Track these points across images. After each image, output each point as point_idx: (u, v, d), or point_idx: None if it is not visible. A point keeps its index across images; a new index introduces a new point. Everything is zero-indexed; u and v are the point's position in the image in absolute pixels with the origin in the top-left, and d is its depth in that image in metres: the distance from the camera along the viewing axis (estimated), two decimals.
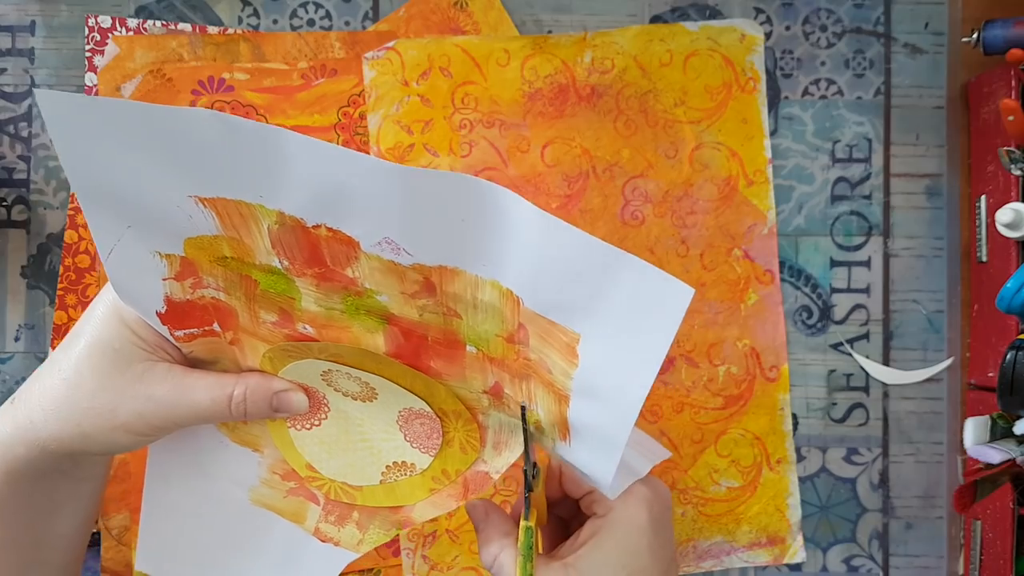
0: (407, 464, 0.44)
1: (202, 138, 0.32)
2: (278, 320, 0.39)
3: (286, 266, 0.36)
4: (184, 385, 0.39)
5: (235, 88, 0.59)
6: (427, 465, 0.44)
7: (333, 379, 0.42)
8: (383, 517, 0.46)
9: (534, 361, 0.37)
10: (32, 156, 0.59)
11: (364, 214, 0.34)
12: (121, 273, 0.37)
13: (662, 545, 0.39)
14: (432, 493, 0.45)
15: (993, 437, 0.52)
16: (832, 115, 0.61)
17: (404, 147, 0.59)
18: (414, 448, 0.44)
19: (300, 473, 0.45)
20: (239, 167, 0.33)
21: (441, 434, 0.43)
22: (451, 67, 0.59)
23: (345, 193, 0.33)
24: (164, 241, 0.36)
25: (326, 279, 0.36)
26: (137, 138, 0.32)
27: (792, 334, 0.60)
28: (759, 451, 0.60)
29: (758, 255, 0.60)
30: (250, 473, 0.45)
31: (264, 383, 0.40)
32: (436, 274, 0.35)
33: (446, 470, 0.44)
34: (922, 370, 0.60)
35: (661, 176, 0.60)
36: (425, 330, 0.38)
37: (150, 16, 0.59)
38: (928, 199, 0.61)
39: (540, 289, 0.34)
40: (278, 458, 0.45)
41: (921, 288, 0.60)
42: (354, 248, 0.35)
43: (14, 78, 0.59)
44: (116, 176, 0.34)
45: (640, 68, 0.60)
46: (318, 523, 0.46)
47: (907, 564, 0.60)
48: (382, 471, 0.44)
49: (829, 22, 0.61)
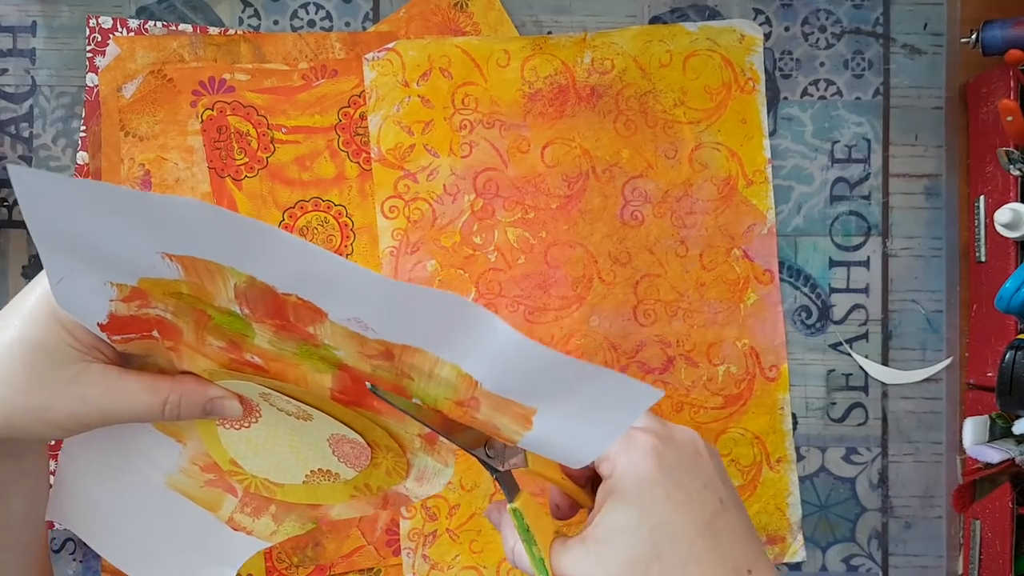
0: (332, 473, 0.44)
1: (189, 223, 0.31)
2: (226, 346, 0.38)
3: (246, 313, 0.35)
4: (118, 389, 0.38)
5: (236, 88, 0.59)
6: (351, 477, 0.44)
7: (271, 399, 0.42)
8: (300, 512, 0.46)
9: (481, 421, 0.37)
10: (33, 156, 0.59)
11: (340, 300, 0.33)
12: (67, 294, 0.36)
13: (688, 492, 0.36)
14: (352, 499, 0.45)
15: (992, 437, 0.52)
16: (831, 115, 0.61)
17: (404, 148, 0.59)
18: (341, 463, 0.44)
19: (222, 467, 0.45)
20: (223, 247, 0.32)
21: (370, 458, 0.43)
22: (451, 68, 0.59)
23: (326, 284, 0.32)
24: (119, 275, 0.35)
25: (286, 330, 0.36)
26: (119, 217, 0.31)
27: (791, 334, 0.60)
28: (759, 450, 0.60)
29: (757, 255, 0.60)
30: (170, 461, 0.45)
31: (199, 389, 0.40)
32: (398, 349, 0.35)
33: (369, 484, 0.44)
34: (921, 370, 0.60)
35: (661, 176, 0.60)
36: (374, 380, 0.37)
37: (151, 17, 0.59)
38: (927, 199, 0.61)
39: (502, 381, 0.34)
40: (201, 451, 0.44)
41: (920, 288, 0.61)
42: (321, 316, 0.34)
43: (15, 79, 0.59)
44: (83, 236, 0.32)
45: (640, 69, 0.60)
46: (233, 513, 0.46)
47: (906, 563, 0.60)
48: (306, 474, 0.45)
49: (828, 23, 0.61)
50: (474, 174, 0.59)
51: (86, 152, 0.59)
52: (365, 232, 0.59)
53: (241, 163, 0.59)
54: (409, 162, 0.59)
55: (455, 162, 0.59)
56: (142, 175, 0.58)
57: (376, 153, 0.59)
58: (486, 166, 0.59)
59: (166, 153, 0.59)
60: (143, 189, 0.58)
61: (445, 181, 0.59)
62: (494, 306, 0.59)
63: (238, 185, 0.59)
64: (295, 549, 0.59)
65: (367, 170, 0.59)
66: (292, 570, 0.58)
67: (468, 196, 0.59)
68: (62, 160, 0.59)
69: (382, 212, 0.59)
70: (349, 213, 0.59)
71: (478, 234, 0.59)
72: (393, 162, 0.59)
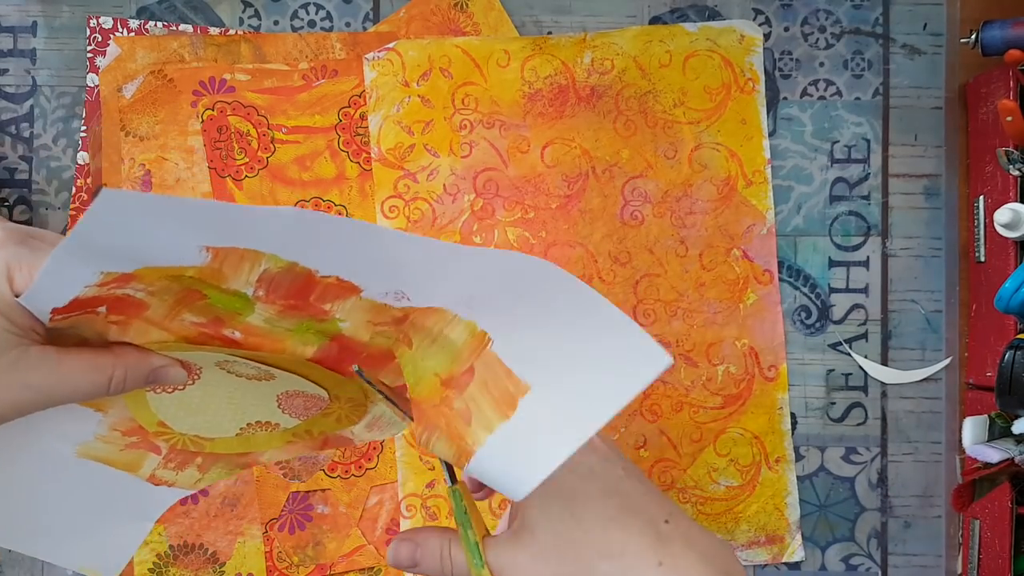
0: (271, 424, 0.43)
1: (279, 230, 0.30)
2: (205, 323, 0.36)
3: (258, 295, 0.34)
4: (61, 371, 0.36)
5: (236, 89, 0.59)
6: (292, 426, 0.43)
7: (231, 365, 0.40)
8: (228, 460, 0.44)
9: (456, 410, 0.36)
10: (34, 157, 0.59)
11: (398, 278, 0.32)
12: (45, 287, 0.33)
13: (589, 466, 0.37)
14: (289, 444, 0.44)
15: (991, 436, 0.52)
16: (831, 116, 0.61)
17: (404, 148, 0.59)
18: (284, 414, 0.42)
19: (148, 429, 0.43)
20: (297, 245, 0.31)
21: (321, 409, 0.42)
22: (451, 68, 0.59)
23: (394, 264, 0.32)
24: (121, 266, 0.33)
25: (295, 309, 0.35)
26: (192, 228, 0.30)
27: (791, 334, 0.60)
28: (758, 450, 0.60)
29: (757, 255, 0.60)
30: (85, 430, 0.42)
31: (142, 361, 0.38)
32: (418, 312, 0.34)
33: (311, 431, 0.43)
34: (920, 370, 0.60)
35: (660, 176, 0.60)
36: (365, 348, 0.37)
37: (151, 17, 0.59)
38: (926, 199, 0.61)
39: (517, 337, 0.34)
40: (124, 416, 0.42)
41: (919, 288, 0.61)
42: (353, 292, 0.34)
43: (16, 79, 0.60)
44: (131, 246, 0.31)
45: (639, 69, 0.60)
46: (155, 470, 0.44)
47: (905, 563, 0.60)
48: (241, 427, 0.43)
49: (828, 23, 0.61)
50: (474, 174, 0.59)
51: (86, 152, 0.59)
52: None
53: (241, 163, 0.59)
54: (409, 162, 0.59)
55: (455, 162, 0.59)
56: (142, 175, 0.59)
57: (376, 153, 0.59)
58: (486, 166, 0.59)
59: (166, 153, 0.59)
60: (143, 189, 0.58)
61: (445, 181, 0.59)
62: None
63: (238, 185, 0.59)
64: (295, 549, 0.59)
65: (367, 170, 0.59)
66: (292, 570, 0.59)
67: (468, 196, 0.59)
68: (62, 160, 0.59)
69: (382, 212, 0.59)
70: (349, 213, 0.59)
71: (478, 234, 0.59)
72: (393, 162, 0.59)
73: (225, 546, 0.59)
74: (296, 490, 0.59)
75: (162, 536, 0.58)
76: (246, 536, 0.59)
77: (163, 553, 0.58)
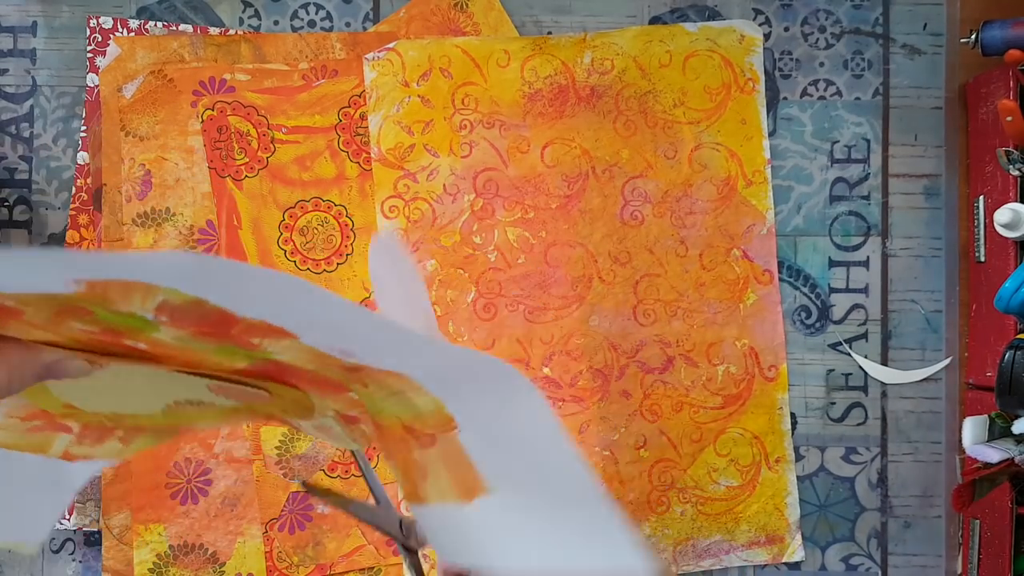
0: (203, 403, 0.40)
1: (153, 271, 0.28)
2: (98, 331, 0.33)
3: (161, 320, 0.31)
4: None
5: (236, 88, 0.59)
6: (229, 406, 0.40)
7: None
8: (155, 431, 0.42)
9: (414, 459, 0.35)
10: (34, 157, 0.59)
11: (342, 337, 0.30)
12: None
13: None
14: (227, 418, 0.41)
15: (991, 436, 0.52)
16: (831, 116, 0.61)
17: (404, 147, 0.59)
18: (219, 396, 0.39)
19: (53, 412, 0.40)
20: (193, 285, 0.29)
21: (264, 400, 0.39)
22: (451, 68, 0.59)
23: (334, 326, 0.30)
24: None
25: (215, 336, 0.32)
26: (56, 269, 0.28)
27: (791, 334, 0.60)
28: (758, 450, 0.60)
29: (757, 255, 0.60)
30: None
31: (29, 360, 0.35)
32: (373, 371, 0.32)
33: (253, 409, 0.40)
34: (920, 370, 0.60)
35: (660, 176, 0.60)
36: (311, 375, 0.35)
37: (151, 17, 0.59)
38: (926, 199, 0.61)
39: (488, 446, 0.32)
40: (20, 404, 0.40)
41: (919, 288, 0.61)
42: (286, 336, 0.31)
43: (16, 79, 0.60)
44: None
45: (639, 69, 0.60)
46: (68, 448, 0.42)
47: (905, 563, 0.60)
48: (168, 404, 0.39)
49: (828, 23, 0.61)
50: (474, 174, 0.59)
51: (86, 152, 0.59)
52: (365, 232, 0.59)
53: (241, 163, 0.59)
54: (409, 162, 0.59)
55: (455, 162, 0.59)
56: (142, 175, 0.59)
57: (376, 153, 0.59)
58: (486, 166, 0.59)
59: (166, 153, 0.59)
60: (143, 189, 0.58)
61: (445, 181, 0.59)
62: (494, 305, 0.59)
63: (238, 185, 0.59)
64: (295, 548, 0.59)
65: (367, 170, 0.59)
66: (292, 569, 0.59)
67: (468, 196, 0.59)
68: (62, 160, 0.59)
69: (382, 212, 0.59)
70: (349, 213, 0.59)
71: (478, 234, 0.59)
72: (393, 162, 0.59)
73: (225, 546, 0.59)
74: (296, 490, 0.59)
75: (162, 536, 0.58)
76: (246, 536, 0.59)
77: (163, 553, 0.58)
